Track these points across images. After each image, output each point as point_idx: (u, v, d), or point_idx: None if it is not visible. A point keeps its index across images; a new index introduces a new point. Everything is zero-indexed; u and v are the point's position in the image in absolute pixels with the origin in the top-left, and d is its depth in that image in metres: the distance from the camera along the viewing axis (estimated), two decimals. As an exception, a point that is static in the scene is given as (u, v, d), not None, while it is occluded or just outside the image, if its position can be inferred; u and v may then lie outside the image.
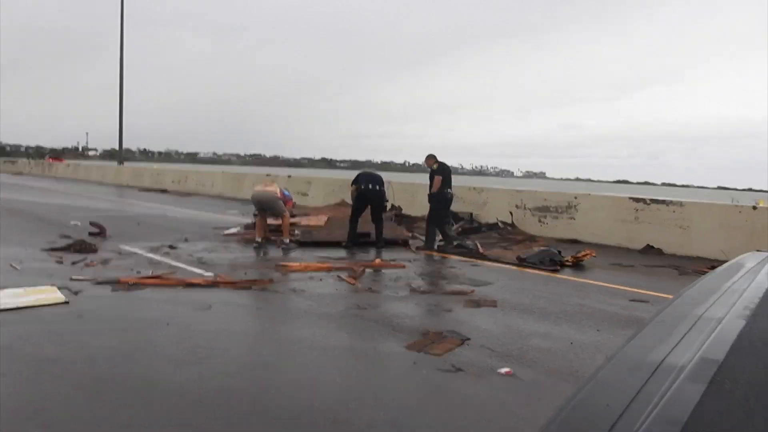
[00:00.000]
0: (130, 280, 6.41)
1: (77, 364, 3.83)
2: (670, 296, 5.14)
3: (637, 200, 11.01)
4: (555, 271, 7.94)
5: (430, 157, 10.26)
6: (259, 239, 9.59)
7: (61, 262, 7.53)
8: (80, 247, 8.59)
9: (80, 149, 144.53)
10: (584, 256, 8.56)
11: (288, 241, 9.46)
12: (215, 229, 11.38)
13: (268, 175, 21.21)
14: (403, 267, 7.90)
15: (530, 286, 7.01)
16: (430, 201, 10.02)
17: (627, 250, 10.44)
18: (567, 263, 8.38)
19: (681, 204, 10.42)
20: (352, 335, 4.72)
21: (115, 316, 5.18)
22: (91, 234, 10.10)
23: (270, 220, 10.16)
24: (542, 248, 8.98)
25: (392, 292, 6.38)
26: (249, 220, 11.97)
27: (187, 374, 3.73)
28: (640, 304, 6.17)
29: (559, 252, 8.73)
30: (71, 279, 6.49)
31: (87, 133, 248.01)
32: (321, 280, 6.87)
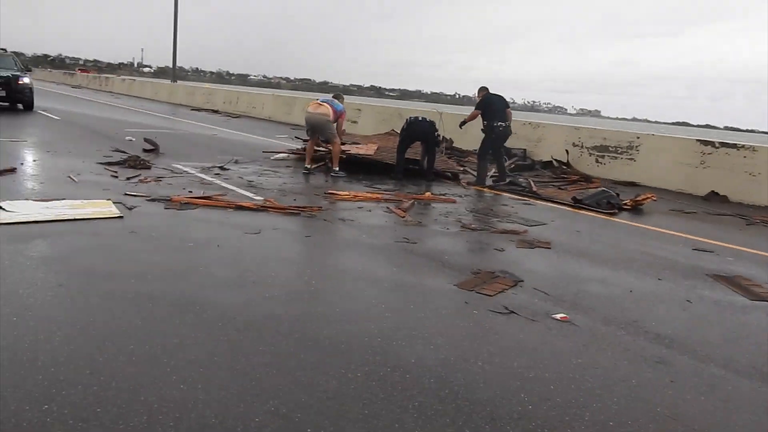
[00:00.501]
0: (182, 199, 6.43)
1: (130, 280, 3.85)
2: (736, 247, 4.86)
3: (705, 143, 10.41)
4: (612, 214, 7.63)
5: (481, 89, 9.96)
6: (308, 166, 9.50)
7: (116, 177, 7.63)
8: (134, 163, 8.69)
9: (135, 65, 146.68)
10: (644, 199, 8.19)
11: (337, 169, 9.34)
12: (265, 152, 11.33)
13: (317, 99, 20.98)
14: (454, 202, 7.71)
15: (586, 228, 6.75)
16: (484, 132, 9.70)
17: (690, 196, 9.96)
18: (625, 206, 8.03)
19: (754, 149, 9.79)
20: (402, 269, 4.63)
21: (167, 234, 5.21)
22: (144, 150, 10.21)
23: (321, 147, 10.04)
24: (599, 189, 8.62)
25: (442, 227, 6.23)
26: (299, 145, 11.87)
27: (236, 297, 3.71)
28: (704, 254, 5.87)
29: (617, 194, 8.38)
30: (126, 194, 6.57)
31: (142, 50, 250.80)
32: (370, 210, 6.75)
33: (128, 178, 7.55)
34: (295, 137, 12.06)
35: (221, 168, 9.00)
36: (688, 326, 3.87)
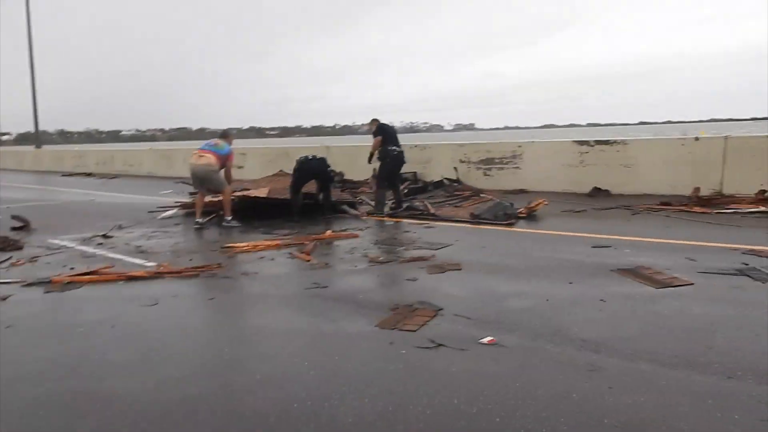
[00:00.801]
0: (63, 279, 5.84)
1: (14, 386, 3.36)
2: (630, 238, 5.04)
3: (581, 143, 11.02)
4: (511, 224, 7.82)
5: (373, 120, 9.96)
6: (200, 220, 9.04)
7: (-20, 266, 6.84)
8: (3, 245, 7.86)
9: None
10: (537, 206, 8.48)
11: (230, 218, 8.96)
12: (150, 212, 10.70)
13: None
14: (356, 236, 7.58)
15: (490, 242, 6.84)
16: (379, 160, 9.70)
17: (575, 195, 10.46)
18: (521, 215, 8.27)
19: (625, 143, 10.49)
20: (318, 318, 4.40)
21: (51, 322, 4.67)
22: (13, 228, 9.30)
23: (210, 198, 9.60)
24: (493, 201, 8.84)
25: (350, 265, 6.07)
26: (185, 199, 11.33)
27: (143, 383, 3.32)
28: (603, 250, 6.10)
29: (511, 204, 8.62)
30: (-4, 283, 5.89)
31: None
32: (273, 259, 6.47)
33: (-2, 264, 6.79)
34: (189, 193, 11.39)
35: (104, 236, 8.34)
36: (609, 326, 3.92)
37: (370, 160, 9.99)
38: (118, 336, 4.19)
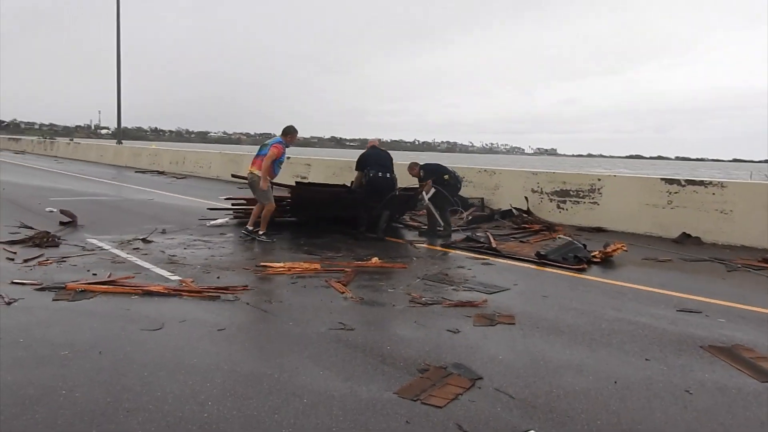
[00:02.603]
0: (78, 287, 5.40)
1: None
2: (725, 303, 3.88)
3: (671, 181, 9.81)
4: (581, 270, 6.82)
5: (413, 166, 9.53)
6: (249, 228, 8.51)
7: (12, 260, 6.56)
8: (40, 241, 7.59)
9: (92, 127, 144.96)
10: (614, 250, 7.42)
11: (261, 231, 8.36)
12: (201, 218, 10.31)
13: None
14: (404, 267, 6.80)
15: (554, 291, 5.90)
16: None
17: (660, 239, 9.29)
18: (594, 259, 7.24)
19: (722, 185, 9.21)
20: (331, 371, 3.66)
21: (41, 337, 4.15)
22: (61, 223, 9.12)
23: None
24: (564, 240, 7.84)
25: (387, 303, 5.30)
26: (237, 206, 10.89)
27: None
28: (691, 316, 5.06)
29: (584, 245, 7.60)
30: (13, 282, 5.53)
31: (99, 111, 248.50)
32: (305, 286, 5.79)
33: (26, 261, 6.47)
34: (224, 198, 10.89)
35: (144, 240, 7.97)
36: (696, 434, 2.98)
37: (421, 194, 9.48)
38: (99, 367, 3.61)
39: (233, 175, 10.38)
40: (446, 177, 9.22)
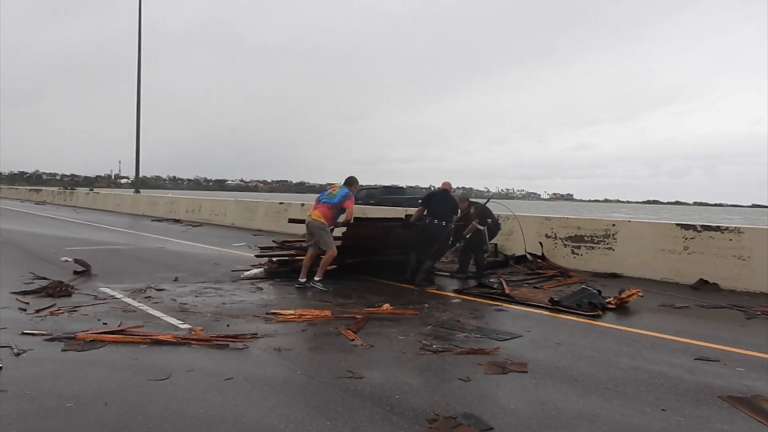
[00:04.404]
0: (87, 336, 5.39)
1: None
2: (744, 351, 3.76)
3: (686, 227, 9.70)
4: (595, 316, 6.70)
5: (463, 200, 9.83)
6: (302, 280, 8.39)
7: (24, 310, 6.58)
8: (54, 291, 7.64)
9: (113, 177, 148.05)
10: (629, 296, 7.30)
11: (318, 279, 8.29)
12: (234, 271, 9.90)
13: (281, 203, 20.26)
14: (416, 314, 6.73)
15: (567, 338, 5.79)
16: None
17: (676, 285, 9.13)
18: (609, 305, 7.12)
19: (739, 231, 9.08)
20: (337, 423, 3.58)
21: (48, 389, 4.12)
22: (75, 273, 9.19)
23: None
24: (579, 286, 7.74)
25: (397, 350, 5.23)
26: (256, 253, 10.86)
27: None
28: (708, 364, 4.92)
29: (599, 291, 7.49)
30: (23, 333, 5.54)
31: (120, 162, 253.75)
32: (315, 334, 5.74)
33: (38, 311, 6.50)
34: (259, 247, 10.72)
35: (156, 288, 7.99)
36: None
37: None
38: (103, 419, 3.57)
39: (290, 220, 10.35)
40: (489, 220, 9.52)
